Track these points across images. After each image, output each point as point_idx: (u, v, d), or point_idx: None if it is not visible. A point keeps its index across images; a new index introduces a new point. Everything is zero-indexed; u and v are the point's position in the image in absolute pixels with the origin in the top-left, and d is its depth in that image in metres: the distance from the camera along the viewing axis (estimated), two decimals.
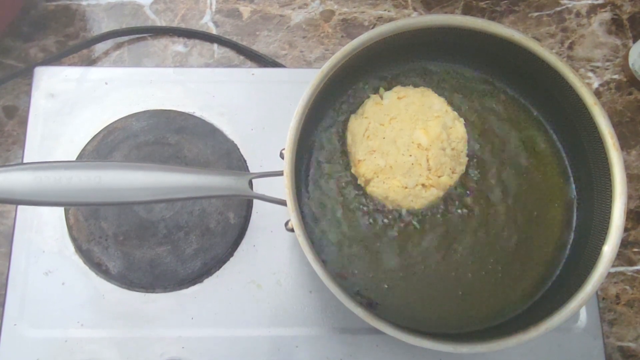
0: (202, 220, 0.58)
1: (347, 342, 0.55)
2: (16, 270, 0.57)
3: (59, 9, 0.71)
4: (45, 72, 0.63)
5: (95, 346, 0.55)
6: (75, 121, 0.62)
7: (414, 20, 0.52)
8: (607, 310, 0.62)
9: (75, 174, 0.46)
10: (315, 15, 0.72)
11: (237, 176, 0.48)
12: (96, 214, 0.58)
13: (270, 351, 0.55)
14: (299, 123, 0.48)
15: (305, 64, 0.70)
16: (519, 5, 0.73)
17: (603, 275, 0.45)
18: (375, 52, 0.52)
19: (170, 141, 0.61)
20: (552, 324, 0.44)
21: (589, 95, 0.49)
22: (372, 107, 0.54)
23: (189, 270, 0.57)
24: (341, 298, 0.44)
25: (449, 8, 0.73)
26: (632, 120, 0.69)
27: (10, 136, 0.66)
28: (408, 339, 0.43)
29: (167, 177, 0.47)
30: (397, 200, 0.51)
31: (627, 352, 0.61)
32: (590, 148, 0.51)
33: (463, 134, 0.53)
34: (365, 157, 0.52)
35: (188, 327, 0.56)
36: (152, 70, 0.65)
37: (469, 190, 0.53)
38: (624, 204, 0.47)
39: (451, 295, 0.50)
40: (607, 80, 0.71)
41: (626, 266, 0.64)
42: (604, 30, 0.73)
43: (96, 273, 0.57)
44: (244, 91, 0.63)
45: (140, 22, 0.71)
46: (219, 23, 0.72)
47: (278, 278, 0.57)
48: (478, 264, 0.51)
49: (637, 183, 0.67)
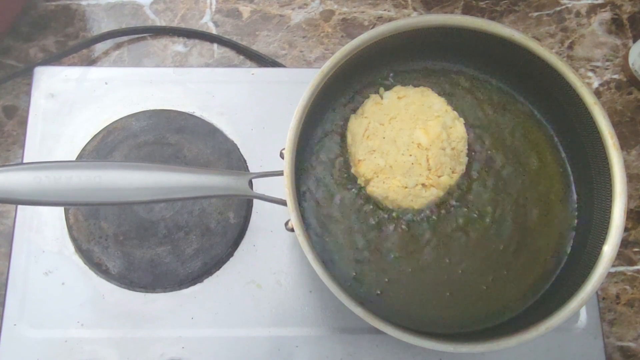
0: (202, 220, 0.58)
1: (347, 342, 0.55)
2: (16, 270, 0.57)
3: (59, 9, 0.71)
4: (45, 72, 0.63)
5: (95, 346, 0.55)
6: (75, 121, 0.62)
7: (413, 20, 0.52)
8: (607, 310, 0.62)
9: (75, 174, 0.46)
10: (315, 15, 0.72)
11: (237, 176, 0.48)
12: (96, 214, 0.58)
13: (270, 351, 0.55)
14: (299, 123, 0.48)
15: (305, 64, 0.70)
16: (518, 5, 0.73)
17: (603, 275, 0.45)
18: (375, 52, 0.52)
19: (170, 141, 0.61)
20: (552, 324, 0.44)
21: (589, 95, 0.49)
22: (372, 106, 0.54)
23: (189, 270, 0.57)
24: (341, 298, 0.44)
25: (449, 8, 0.73)
26: (632, 120, 0.69)
27: (10, 136, 0.66)
28: (408, 339, 0.43)
29: (167, 177, 0.47)
30: (397, 200, 0.51)
31: (627, 352, 0.61)
32: (590, 148, 0.51)
33: (463, 134, 0.53)
34: (365, 157, 0.52)
35: (188, 327, 0.55)
36: (152, 70, 0.65)
37: (468, 190, 0.53)
38: (624, 204, 0.47)
39: (451, 295, 0.50)
40: (607, 80, 0.71)
41: (626, 266, 0.64)
42: (604, 30, 0.73)
43: (96, 273, 0.57)
44: (243, 91, 0.63)
45: (140, 22, 0.71)
46: (218, 23, 0.72)
47: (278, 278, 0.57)
48: (478, 264, 0.51)
49: (637, 183, 0.67)
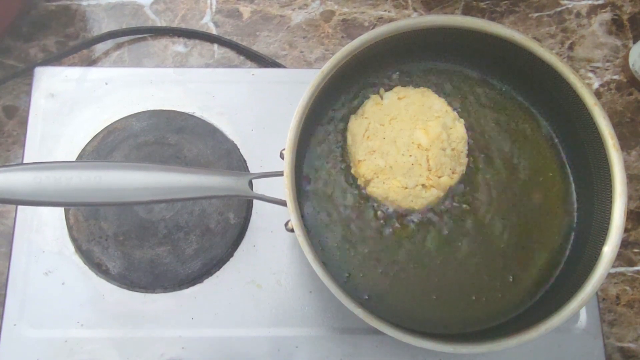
0: (202, 220, 0.58)
1: (347, 342, 0.55)
2: (16, 270, 0.57)
3: (59, 9, 0.71)
4: (45, 72, 0.63)
5: (95, 346, 0.55)
6: (75, 121, 0.62)
7: (414, 20, 0.52)
8: (607, 310, 0.62)
9: (75, 174, 0.46)
10: (315, 16, 0.72)
11: (237, 176, 0.48)
12: (96, 214, 0.58)
13: (270, 351, 0.55)
14: (299, 123, 0.48)
15: (306, 64, 0.70)
16: (519, 5, 0.73)
17: (603, 276, 0.45)
18: (376, 52, 0.52)
19: (170, 141, 0.61)
20: (552, 324, 0.44)
21: (589, 96, 0.49)
22: (372, 107, 0.54)
23: (189, 271, 0.57)
24: (341, 298, 0.44)
25: (449, 8, 0.73)
26: (632, 120, 0.69)
27: (10, 136, 0.66)
28: (408, 339, 0.43)
29: (167, 177, 0.47)
30: (397, 200, 0.51)
31: (627, 353, 0.61)
32: (590, 148, 0.51)
33: (463, 134, 0.53)
34: (366, 158, 0.52)
35: (188, 327, 0.55)
36: (152, 71, 0.65)
37: (468, 191, 0.53)
38: (624, 204, 0.47)
39: (451, 295, 0.50)
40: (608, 81, 0.71)
41: (626, 267, 0.64)
42: (604, 30, 0.73)
43: (96, 273, 0.57)
44: (244, 91, 0.63)
45: (140, 22, 0.71)
46: (219, 23, 0.72)
47: (278, 278, 0.57)
48: (478, 264, 0.51)
49: (637, 183, 0.67)
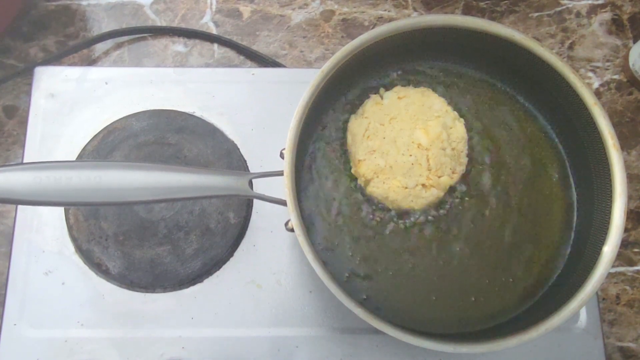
0: (202, 220, 0.58)
1: (347, 342, 0.55)
2: (16, 270, 0.57)
3: (59, 9, 0.71)
4: (45, 72, 0.63)
5: (95, 346, 0.55)
6: (75, 121, 0.62)
7: (414, 20, 0.52)
8: (607, 310, 0.62)
9: (75, 174, 0.46)
10: (315, 15, 0.72)
11: (237, 176, 0.48)
12: (96, 214, 0.58)
13: (270, 351, 0.55)
14: (299, 123, 0.48)
15: (306, 64, 0.70)
16: (519, 5, 0.73)
17: (603, 276, 0.45)
18: (376, 52, 0.52)
19: (170, 141, 0.61)
20: (552, 324, 0.44)
21: (589, 96, 0.49)
22: (372, 107, 0.54)
23: (189, 270, 0.57)
24: (341, 298, 0.44)
25: (449, 8, 0.73)
26: (632, 120, 0.69)
27: (10, 136, 0.66)
28: (408, 339, 0.43)
29: (167, 177, 0.47)
30: (397, 200, 0.51)
31: (627, 353, 0.61)
32: (590, 148, 0.51)
33: (463, 134, 0.53)
34: (366, 157, 0.52)
35: (188, 327, 0.55)
36: (152, 70, 0.65)
37: (468, 191, 0.53)
38: (624, 204, 0.47)
39: (451, 295, 0.50)
40: (608, 81, 0.71)
41: (626, 266, 0.64)
42: (604, 30, 0.73)
43: (96, 273, 0.57)
44: (244, 91, 0.63)
45: (140, 22, 0.71)
46: (219, 23, 0.72)
47: (278, 278, 0.57)
48: (478, 264, 0.51)
49: (637, 183, 0.67)
